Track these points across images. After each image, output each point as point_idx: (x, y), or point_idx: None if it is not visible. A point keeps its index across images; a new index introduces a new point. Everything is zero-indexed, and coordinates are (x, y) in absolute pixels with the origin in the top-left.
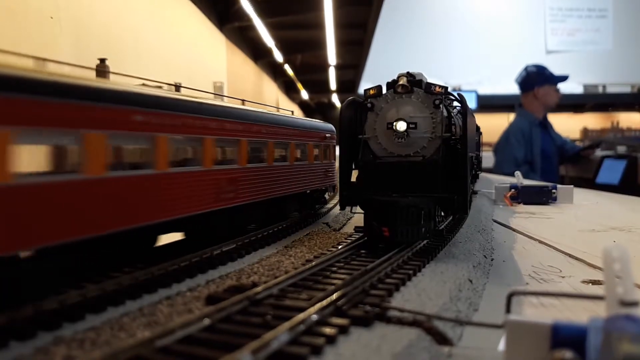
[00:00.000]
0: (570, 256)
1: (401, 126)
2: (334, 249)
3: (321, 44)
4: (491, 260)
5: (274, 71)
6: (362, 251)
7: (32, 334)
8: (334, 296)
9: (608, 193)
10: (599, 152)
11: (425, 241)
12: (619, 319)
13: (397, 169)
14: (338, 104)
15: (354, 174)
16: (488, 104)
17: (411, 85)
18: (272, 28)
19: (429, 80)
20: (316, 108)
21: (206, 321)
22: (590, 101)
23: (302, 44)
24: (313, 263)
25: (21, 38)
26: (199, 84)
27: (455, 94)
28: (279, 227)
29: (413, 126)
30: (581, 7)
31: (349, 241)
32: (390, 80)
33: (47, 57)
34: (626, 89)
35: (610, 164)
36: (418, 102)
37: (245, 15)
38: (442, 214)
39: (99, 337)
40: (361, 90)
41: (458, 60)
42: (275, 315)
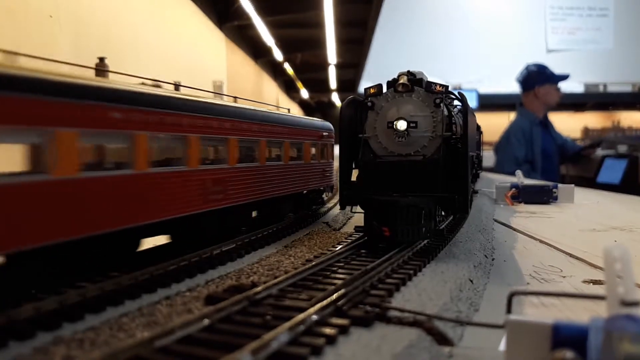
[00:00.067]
0: (571, 256)
1: (401, 125)
2: (334, 249)
3: (321, 43)
4: (492, 260)
5: (274, 70)
6: (362, 251)
7: (32, 334)
8: (334, 296)
9: (609, 192)
10: (600, 152)
11: (425, 241)
12: (620, 319)
13: (398, 169)
14: (338, 103)
15: (354, 174)
16: (489, 103)
17: (412, 84)
18: (272, 26)
19: (430, 79)
20: (316, 107)
21: (206, 321)
22: (591, 100)
23: (302, 43)
24: (313, 263)
25: (21, 37)
26: (199, 83)
27: (455, 93)
28: (279, 227)
29: (413, 125)
30: (582, 6)
31: (349, 241)
32: (390, 79)
33: (47, 56)
34: (627, 88)
35: (611, 164)
36: (418, 101)
37: (244, 13)
38: (443, 214)
39: (98, 337)
40: (361, 89)
41: (459, 59)
42: (275, 315)
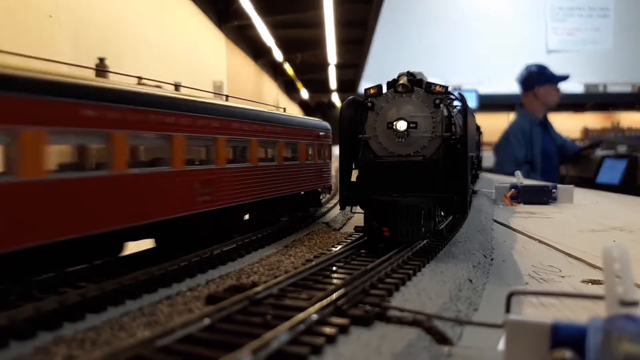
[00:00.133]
0: (570, 256)
1: (401, 126)
2: (334, 249)
3: (321, 43)
4: (491, 259)
5: (274, 70)
6: (362, 251)
7: (33, 334)
8: (334, 296)
9: (608, 193)
10: (599, 152)
11: (425, 241)
12: (619, 319)
13: (397, 169)
14: (338, 104)
15: (354, 174)
16: (488, 104)
17: (411, 84)
18: (272, 27)
19: (430, 79)
20: (316, 107)
21: (206, 321)
22: (590, 101)
23: (302, 43)
24: (313, 263)
25: (20, 36)
26: (199, 83)
27: (455, 94)
28: (278, 228)
29: (413, 126)
30: (582, 7)
31: (349, 241)
32: (390, 79)
33: (47, 56)
34: (627, 89)
35: (610, 164)
36: (418, 102)
37: (244, 14)
38: (442, 214)
39: (99, 337)
40: (361, 89)
41: (458, 59)
42: (275, 314)
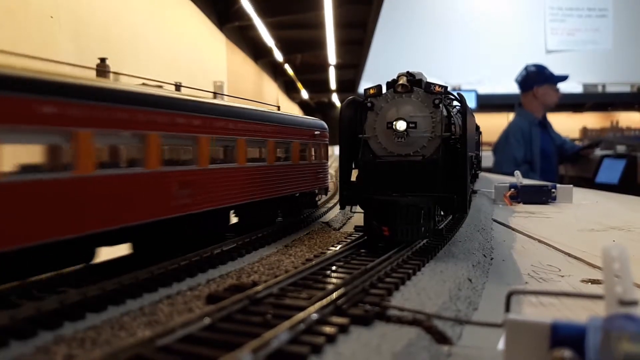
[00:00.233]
0: (569, 255)
1: (401, 126)
2: (334, 248)
3: (321, 44)
4: (490, 259)
5: (274, 71)
6: (362, 250)
7: (33, 333)
8: (334, 295)
9: (607, 192)
10: (599, 152)
11: (424, 240)
12: (618, 318)
13: (397, 169)
14: (338, 104)
15: (354, 174)
16: (488, 104)
17: (411, 84)
18: (272, 28)
19: (429, 79)
20: (316, 107)
21: (207, 320)
22: (589, 101)
23: (302, 44)
24: (313, 262)
25: (21, 37)
26: (200, 84)
27: (454, 94)
28: (278, 228)
29: (413, 126)
30: (581, 7)
31: (349, 240)
32: (390, 79)
33: (47, 57)
34: (626, 89)
35: (609, 164)
36: (418, 102)
37: (245, 14)
38: (442, 214)
39: (100, 336)
40: (361, 89)
41: (458, 59)
42: (275, 314)
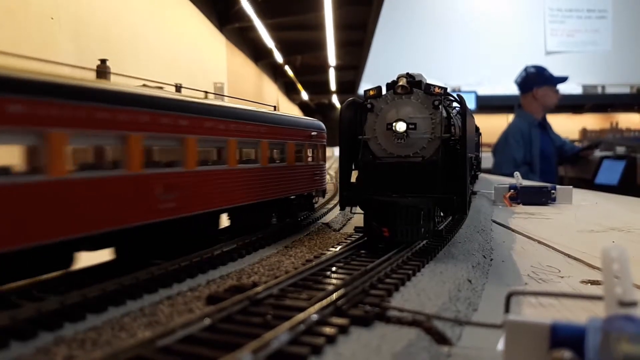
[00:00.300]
0: (569, 256)
1: (401, 127)
2: (334, 249)
3: (321, 45)
4: (490, 260)
5: (275, 72)
6: (362, 251)
7: (33, 334)
8: (334, 296)
9: (607, 194)
10: (598, 153)
11: (424, 241)
12: (618, 319)
13: (397, 170)
14: (338, 105)
15: (354, 175)
16: (487, 105)
17: (411, 86)
18: (272, 29)
19: (429, 81)
20: (316, 109)
21: (207, 321)
22: (589, 102)
23: (302, 45)
24: (313, 263)
25: (21, 38)
26: (200, 85)
27: (454, 95)
28: (277, 229)
29: (412, 127)
30: (581, 8)
31: (349, 241)
32: (389, 81)
33: (47, 57)
34: (625, 90)
35: (609, 165)
36: (417, 103)
37: (245, 16)
38: (442, 214)
39: (100, 337)
40: (361, 91)
41: (458, 61)
42: (275, 315)
